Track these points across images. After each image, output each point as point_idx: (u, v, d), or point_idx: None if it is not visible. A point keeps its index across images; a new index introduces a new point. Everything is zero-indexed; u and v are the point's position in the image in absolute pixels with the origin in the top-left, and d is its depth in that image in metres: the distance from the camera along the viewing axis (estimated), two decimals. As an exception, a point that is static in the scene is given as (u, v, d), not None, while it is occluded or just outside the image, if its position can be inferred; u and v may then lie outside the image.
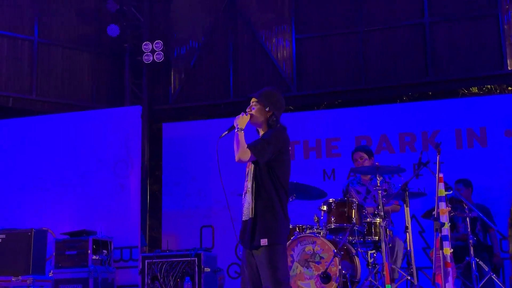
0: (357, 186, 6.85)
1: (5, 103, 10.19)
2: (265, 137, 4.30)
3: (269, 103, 4.40)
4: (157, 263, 7.64)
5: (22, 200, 9.12)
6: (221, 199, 9.24)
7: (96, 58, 11.03)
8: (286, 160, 4.37)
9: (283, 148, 4.32)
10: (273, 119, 4.39)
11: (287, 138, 4.41)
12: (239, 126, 4.31)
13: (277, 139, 4.29)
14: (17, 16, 10.49)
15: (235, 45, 10.87)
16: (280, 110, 4.46)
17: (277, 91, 4.54)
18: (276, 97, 4.47)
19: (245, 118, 4.36)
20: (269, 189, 4.28)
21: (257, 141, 4.30)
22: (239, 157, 4.25)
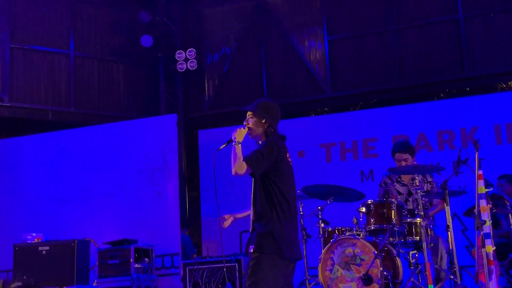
0: (397, 185, 6.75)
1: (45, 117, 10.40)
2: (259, 149, 4.31)
3: (265, 115, 4.44)
4: (198, 270, 7.66)
5: (64, 212, 9.26)
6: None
7: (131, 69, 11.17)
8: (283, 168, 4.36)
9: (278, 157, 4.30)
10: (270, 129, 4.43)
11: (282, 147, 4.39)
12: (237, 140, 4.33)
13: (270, 150, 4.28)
14: (53, 31, 10.71)
15: (267, 49, 10.89)
16: (276, 120, 4.49)
17: (271, 101, 4.59)
18: (271, 107, 4.51)
19: (243, 131, 4.40)
20: (266, 200, 4.27)
21: (252, 153, 4.28)
22: (236, 170, 4.24)
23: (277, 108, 4.55)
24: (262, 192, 4.30)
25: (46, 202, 9.34)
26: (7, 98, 10.22)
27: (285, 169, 4.37)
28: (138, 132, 9.16)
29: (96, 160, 9.32)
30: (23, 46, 10.48)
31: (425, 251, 5.69)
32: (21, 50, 10.48)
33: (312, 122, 9.75)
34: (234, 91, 11.02)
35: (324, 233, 6.43)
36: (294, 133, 9.38)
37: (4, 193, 9.58)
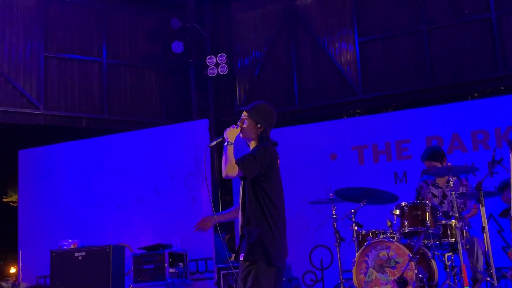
0: (433, 188, 6.68)
1: (79, 124, 10.57)
2: (252, 153, 4.23)
3: (261, 119, 4.34)
4: (232, 274, 7.68)
5: (99, 217, 9.37)
6: (292, 207, 9.18)
7: (163, 75, 11.29)
8: (274, 175, 4.30)
9: (270, 164, 4.25)
10: (263, 135, 4.34)
11: (275, 154, 4.33)
12: (229, 140, 4.22)
13: (263, 155, 4.21)
14: (86, 40, 10.88)
15: (298, 53, 10.88)
16: (271, 125, 4.40)
17: (268, 106, 4.46)
18: (267, 112, 4.41)
19: (235, 131, 4.29)
20: (254, 206, 4.22)
21: (244, 156, 4.21)
22: (227, 172, 4.15)
23: (273, 113, 4.46)
24: (252, 197, 4.23)
25: (82, 208, 9.47)
26: (42, 106, 10.41)
27: (276, 176, 4.31)
28: (171, 137, 9.22)
29: (130, 166, 9.41)
30: (57, 55, 10.67)
31: (460, 252, 5.61)
32: (55, 59, 10.66)
33: (344, 124, 9.69)
34: (265, 95, 11.03)
35: (357, 236, 6.38)
36: (326, 135, 9.35)
37: (40, 200, 9.73)
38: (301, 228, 9.15)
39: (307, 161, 9.32)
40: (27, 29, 10.50)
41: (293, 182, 9.33)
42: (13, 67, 10.32)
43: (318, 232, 8.89)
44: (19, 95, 10.29)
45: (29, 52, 10.47)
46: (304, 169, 9.31)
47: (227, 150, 4.18)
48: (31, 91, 10.37)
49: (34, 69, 10.45)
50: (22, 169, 10.04)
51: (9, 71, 10.27)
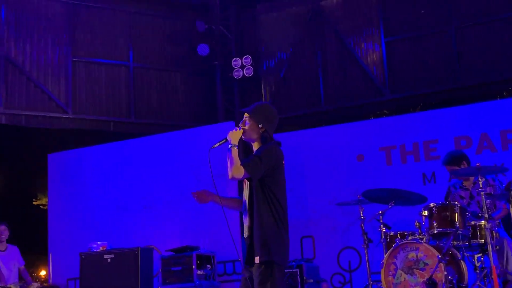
0: (460, 191, 6.62)
1: (107, 128, 10.66)
2: (258, 154, 4.23)
3: (262, 119, 4.35)
4: (259, 276, 7.66)
5: (127, 220, 9.45)
6: (319, 209, 9.20)
7: (189, 78, 11.34)
8: (280, 175, 4.31)
9: (276, 164, 4.26)
10: (266, 135, 4.35)
11: (281, 154, 4.33)
12: (232, 142, 4.27)
13: (269, 156, 4.22)
14: (112, 44, 10.98)
15: (324, 53, 10.85)
16: (273, 125, 4.41)
17: (270, 106, 4.50)
18: (268, 112, 4.42)
19: (238, 133, 4.32)
20: (263, 207, 4.22)
21: (250, 157, 4.23)
22: (233, 174, 4.18)
23: (275, 113, 4.46)
24: (260, 198, 4.24)
25: (110, 211, 9.55)
26: (71, 110, 10.53)
27: (281, 176, 4.32)
28: (197, 140, 9.27)
29: (157, 169, 9.47)
30: (84, 59, 10.79)
31: (490, 254, 5.54)
32: (83, 63, 10.78)
33: (371, 125, 9.63)
34: (291, 96, 11.02)
35: (386, 238, 6.33)
36: (353, 137, 9.31)
37: (69, 203, 9.85)
38: (329, 229, 9.12)
39: (334, 162, 9.28)
40: (55, 34, 10.63)
41: (320, 184, 9.31)
42: (41, 72, 10.46)
43: (346, 233, 8.85)
44: (48, 99, 10.43)
45: (57, 57, 10.60)
46: (331, 170, 9.27)
47: (231, 152, 4.21)
48: (60, 96, 10.50)
49: (62, 73, 10.58)
50: (52, 173, 10.17)
51: (38, 76, 10.41)
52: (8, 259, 8.55)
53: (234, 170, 4.16)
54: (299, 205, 9.47)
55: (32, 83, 10.37)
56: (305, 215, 9.34)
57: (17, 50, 10.35)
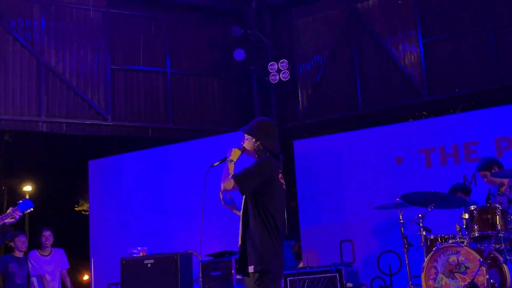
0: (498, 197, 6.51)
1: (145, 134, 10.79)
2: (249, 167, 4.35)
3: (256, 134, 4.51)
4: (298, 280, 7.66)
5: (167, 225, 9.53)
6: (358, 213, 9.13)
7: (225, 83, 11.41)
8: (274, 187, 4.41)
9: (271, 177, 4.38)
10: (260, 148, 4.48)
11: (275, 166, 4.44)
12: (230, 158, 4.48)
13: (261, 169, 4.35)
14: (150, 51, 11.12)
15: (360, 55, 10.78)
16: (268, 138, 4.53)
17: (265, 120, 4.64)
18: (264, 126, 4.56)
19: (237, 152, 4.53)
20: (255, 217, 4.33)
21: (242, 171, 4.34)
22: (224, 187, 4.36)
23: (271, 126, 4.61)
24: (252, 209, 4.36)
25: (150, 216, 9.64)
26: (110, 117, 10.68)
27: (275, 189, 4.42)
28: (234, 144, 9.26)
29: (195, 174, 9.52)
30: (123, 66, 10.94)
31: (534, 257, 5.43)
32: (122, 70, 10.94)
33: (410, 127, 9.53)
34: (328, 100, 10.97)
35: (426, 241, 6.26)
36: (391, 139, 9.23)
37: (110, 208, 9.98)
38: (368, 233, 9.06)
39: (372, 165, 9.22)
40: (94, 42, 10.82)
41: (358, 187, 9.25)
42: (81, 80, 10.64)
43: (386, 237, 8.78)
44: (88, 106, 10.60)
45: (96, 65, 10.78)
46: (369, 173, 9.21)
47: (227, 165, 4.44)
48: (99, 103, 10.67)
49: (101, 81, 10.75)
50: (92, 179, 10.33)
51: (78, 84, 10.60)
52: (52, 264, 8.68)
53: (225, 183, 4.36)
54: (338, 209, 9.43)
55: (72, 91, 10.56)
56: (343, 218, 9.29)
57: (57, 58, 10.56)
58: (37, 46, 10.44)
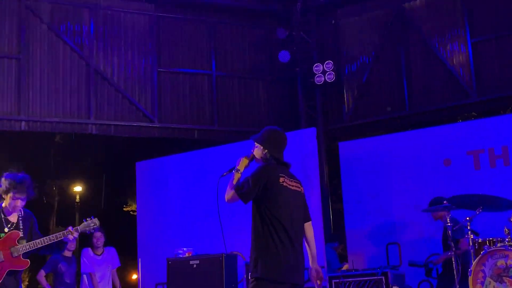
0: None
1: (191, 136, 10.90)
2: (248, 176, 4.51)
3: (264, 143, 4.67)
4: (344, 283, 7.61)
5: (212, 226, 9.57)
6: (405, 215, 9.02)
7: (270, 85, 11.43)
8: (274, 192, 4.48)
9: (269, 183, 4.48)
10: (267, 156, 4.64)
11: (275, 172, 4.55)
12: (238, 167, 4.63)
13: (258, 177, 4.48)
14: (196, 53, 11.23)
15: (407, 56, 10.65)
16: (275, 147, 4.69)
17: (274, 129, 4.79)
18: (271, 135, 4.73)
19: (245, 161, 4.68)
20: (258, 224, 4.46)
21: (241, 181, 4.52)
22: (227, 198, 4.53)
23: (278, 135, 4.74)
24: (257, 216, 4.48)
25: (196, 217, 9.71)
26: (157, 119, 10.83)
27: (277, 193, 4.48)
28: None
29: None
30: (169, 69, 11.08)
31: None
32: (168, 73, 11.08)
33: (458, 129, 9.38)
34: (374, 101, 10.87)
35: (474, 245, 6.14)
36: (439, 140, 9.09)
37: (156, 209, 10.10)
38: (415, 236, 8.94)
39: (419, 167, 9.10)
40: (141, 46, 10.98)
41: (405, 189, 9.14)
42: (129, 83, 10.82)
43: (433, 240, 8.65)
44: (135, 109, 10.77)
45: (143, 68, 10.94)
46: (416, 176, 9.09)
47: (233, 176, 4.58)
48: (146, 105, 10.83)
49: (148, 84, 10.91)
50: (139, 180, 10.47)
51: (126, 87, 10.78)
52: (103, 263, 8.84)
53: (227, 194, 4.53)
54: (384, 211, 9.34)
55: (120, 94, 10.75)
56: (390, 221, 9.20)
57: (106, 62, 10.76)
58: (86, 50, 10.67)
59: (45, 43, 10.46)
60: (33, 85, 10.29)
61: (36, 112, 10.26)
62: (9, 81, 10.18)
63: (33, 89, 10.28)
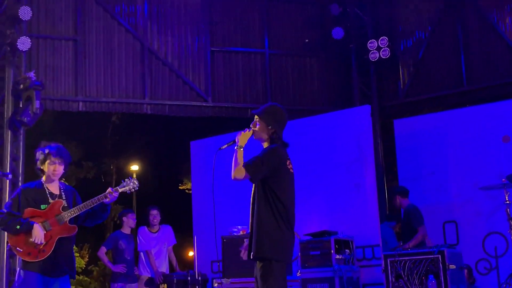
0: None
1: (244, 114, 10.92)
2: (260, 155, 4.42)
3: (271, 121, 4.54)
4: (399, 262, 7.53)
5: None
6: (462, 193, 8.87)
7: (324, 62, 11.32)
8: (282, 174, 4.47)
9: (279, 165, 4.44)
10: (275, 136, 4.53)
11: (283, 155, 4.51)
12: (239, 144, 4.46)
13: (270, 158, 4.41)
14: (248, 32, 11.21)
15: (465, 30, 10.37)
16: (282, 126, 4.60)
17: (279, 107, 4.65)
18: (279, 113, 4.60)
19: (247, 134, 4.52)
20: (263, 204, 4.41)
21: (252, 160, 4.41)
22: (234, 175, 4.39)
23: (284, 114, 4.63)
24: (260, 196, 4.43)
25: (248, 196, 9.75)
26: (210, 98, 10.89)
27: (283, 176, 4.49)
28: (333, 125, 9.23)
29: (294, 154, 9.50)
30: (222, 48, 11.10)
31: None
32: (221, 52, 11.10)
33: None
34: (431, 77, 10.65)
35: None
36: (498, 117, 8.87)
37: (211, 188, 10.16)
38: (473, 214, 8.80)
39: (477, 144, 8.92)
40: (194, 25, 11.03)
41: (463, 167, 8.98)
42: (182, 63, 10.90)
43: (491, 218, 8.50)
44: (189, 89, 10.85)
45: (196, 47, 11.00)
46: (474, 153, 8.91)
47: (236, 153, 4.44)
48: (200, 85, 10.89)
49: (201, 63, 10.96)
50: (194, 159, 10.57)
51: (179, 67, 10.86)
52: (159, 241, 9.00)
53: (236, 171, 4.40)
54: (441, 189, 9.20)
55: (174, 73, 10.84)
56: (447, 199, 9.06)
57: (160, 42, 10.86)
58: (141, 30, 10.78)
59: (101, 25, 10.62)
60: (89, 66, 10.48)
61: (93, 93, 10.46)
62: (67, 62, 10.39)
63: (89, 70, 10.47)
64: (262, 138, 4.60)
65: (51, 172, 5.41)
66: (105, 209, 5.55)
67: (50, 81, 10.20)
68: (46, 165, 5.41)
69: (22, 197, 5.36)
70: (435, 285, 7.00)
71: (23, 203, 5.34)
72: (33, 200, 5.36)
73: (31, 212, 5.31)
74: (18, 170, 9.61)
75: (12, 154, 9.57)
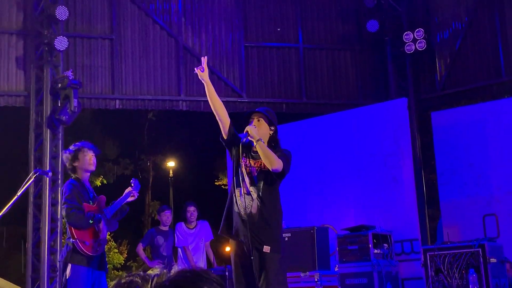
0: None
1: (279, 109, 10.90)
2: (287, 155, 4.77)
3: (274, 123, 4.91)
4: (439, 256, 7.44)
5: (304, 200, 9.60)
6: (503, 186, 8.71)
7: (359, 55, 11.23)
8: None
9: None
10: (274, 136, 4.88)
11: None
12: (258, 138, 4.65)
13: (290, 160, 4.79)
14: (282, 26, 11.17)
15: (503, 21, 10.17)
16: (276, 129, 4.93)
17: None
18: (275, 117, 4.98)
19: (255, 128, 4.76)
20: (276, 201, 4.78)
21: (284, 157, 4.71)
22: (275, 166, 4.60)
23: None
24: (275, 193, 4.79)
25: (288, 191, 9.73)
26: (245, 94, 10.90)
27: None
28: (370, 118, 9.16)
29: (330, 148, 9.50)
30: (256, 44, 11.09)
31: None
32: (255, 48, 11.10)
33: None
34: (468, 69, 10.47)
35: None
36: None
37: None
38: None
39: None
40: (228, 21, 11.04)
41: (503, 159, 8.82)
42: (217, 59, 10.93)
43: (533, 211, 8.32)
44: (224, 85, 10.88)
45: (230, 43, 11.01)
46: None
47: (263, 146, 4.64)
48: (234, 80, 10.91)
49: (236, 59, 10.97)
50: (230, 155, 10.57)
51: (214, 63, 10.89)
52: (196, 237, 9.05)
53: (276, 163, 4.61)
54: (481, 181, 9.05)
55: (209, 69, 10.80)
56: (487, 192, 8.91)
57: (194, 39, 10.90)
58: (175, 28, 10.84)
59: (136, 23, 10.71)
60: (125, 64, 10.58)
61: (129, 91, 10.56)
62: (103, 61, 10.51)
63: (125, 68, 10.57)
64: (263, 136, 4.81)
65: (87, 162, 5.46)
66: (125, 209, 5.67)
67: (87, 79, 10.33)
68: (81, 159, 5.46)
69: (76, 192, 5.43)
70: (476, 279, 6.89)
71: (78, 199, 5.42)
72: (81, 195, 5.45)
73: (87, 207, 5.40)
74: (57, 168, 9.77)
75: (51, 152, 9.74)
